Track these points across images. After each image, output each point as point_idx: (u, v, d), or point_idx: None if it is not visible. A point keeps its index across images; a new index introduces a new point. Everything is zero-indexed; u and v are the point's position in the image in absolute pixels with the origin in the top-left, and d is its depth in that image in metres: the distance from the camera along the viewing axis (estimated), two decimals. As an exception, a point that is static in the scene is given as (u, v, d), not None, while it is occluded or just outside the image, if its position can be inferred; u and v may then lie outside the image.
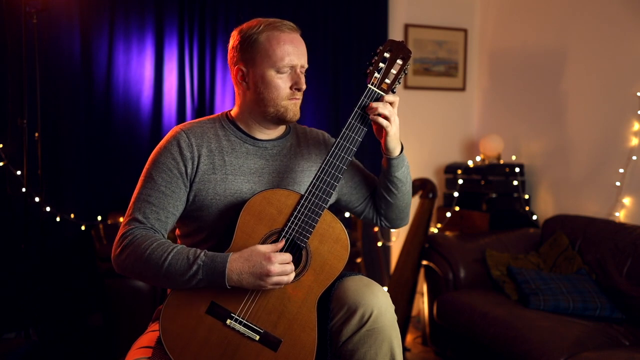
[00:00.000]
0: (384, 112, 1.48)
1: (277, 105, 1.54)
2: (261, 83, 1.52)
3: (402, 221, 1.74)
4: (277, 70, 1.51)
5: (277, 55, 1.50)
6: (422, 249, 3.24)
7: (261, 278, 1.37)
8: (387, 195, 1.66)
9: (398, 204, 1.68)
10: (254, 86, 1.53)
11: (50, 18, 2.96)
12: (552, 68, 3.55)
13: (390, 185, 1.63)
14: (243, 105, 1.59)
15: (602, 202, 3.24)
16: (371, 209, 1.74)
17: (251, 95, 1.55)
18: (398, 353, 1.48)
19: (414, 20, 3.90)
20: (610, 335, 2.46)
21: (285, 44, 1.51)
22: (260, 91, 1.53)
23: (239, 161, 1.57)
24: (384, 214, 1.72)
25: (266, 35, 1.51)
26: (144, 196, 1.51)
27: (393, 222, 1.74)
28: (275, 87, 1.52)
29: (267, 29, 1.51)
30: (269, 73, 1.51)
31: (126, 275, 1.50)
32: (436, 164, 4.04)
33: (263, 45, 1.51)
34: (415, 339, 3.46)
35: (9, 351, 2.17)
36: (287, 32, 1.52)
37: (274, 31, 1.51)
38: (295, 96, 1.55)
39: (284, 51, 1.50)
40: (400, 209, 1.70)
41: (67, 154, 3.09)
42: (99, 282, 2.94)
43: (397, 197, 1.66)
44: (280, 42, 1.50)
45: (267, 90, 1.52)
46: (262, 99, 1.53)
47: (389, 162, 1.59)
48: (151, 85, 3.24)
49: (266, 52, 1.50)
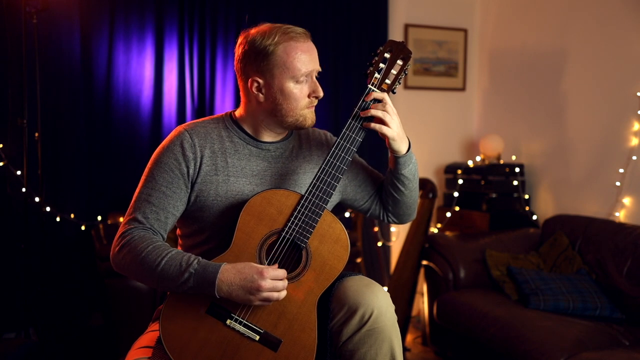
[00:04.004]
0: (377, 114, 1.49)
1: (296, 114, 1.54)
2: (280, 94, 1.51)
3: (410, 216, 1.76)
4: (295, 80, 1.51)
5: (295, 67, 1.50)
6: (422, 249, 3.24)
7: (251, 292, 1.37)
8: (394, 192, 1.66)
9: (406, 201, 1.69)
10: (272, 97, 1.52)
11: (50, 18, 2.96)
12: (552, 68, 3.55)
13: (397, 183, 1.64)
14: (254, 112, 1.58)
15: (602, 202, 3.25)
16: (377, 205, 1.74)
17: (268, 106, 1.54)
18: (398, 353, 1.48)
19: (414, 20, 3.90)
20: (610, 335, 2.46)
21: (303, 54, 1.51)
22: (279, 102, 1.52)
23: (241, 163, 1.57)
24: (392, 210, 1.72)
25: (283, 47, 1.49)
26: (144, 196, 1.51)
27: (400, 218, 1.75)
28: (295, 98, 1.52)
29: (282, 40, 1.49)
30: (288, 85, 1.51)
31: (123, 274, 1.51)
32: (436, 164, 4.04)
33: (280, 58, 1.49)
34: (415, 339, 3.46)
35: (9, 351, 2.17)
36: (302, 42, 1.52)
37: (290, 42, 1.50)
38: (313, 104, 1.56)
39: (301, 62, 1.50)
40: (408, 205, 1.70)
41: (67, 154, 3.09)
42: (99, 282, 2.95)
43: (404, 194, 1.66)
44: (297, 52, 1.50)
45: (287, 101, 1.52)
46: (280, 110, 1.53)
47: (396, 160, 1.59)
48: (151, 85, 3.24)
49: (284, 65, 1.49)
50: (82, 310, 3.13)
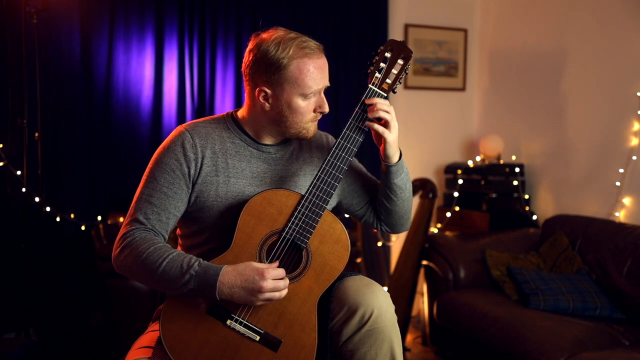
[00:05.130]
0: (384, 108, 1.49)
1: (299, 127, 1.54)
2: (287, 108, 1.51)
3: (403, 227, 1.74)
4: (304, 97, 1.50)
5: (306, 85, 1.48)
6: (422, 249, 3.23)
7: (253, 294, 1.37)
8: (386, 202, 1.65)
9: (397, 211, 1.67)
10: (278, 109, 1.52)
11: (50, 18, 2.96)
12: (552, 68, 3.55)
13: (389, 192, 1.63)
14: (257, 117, 1.57)
15: (602, 202, 3.25)
16: (371, 213, 1.73)
17: (273, 115, 1.53)
18: (398, 353, 1.48)
19: (414, 20, 3.90)
20: (610, 335, 2.46)
21: (315, 71, 1.49)
22: (285, 115, 1.52)
23: (241, 164, 1.56)
24: (385, 220, 1.71)
25: (296, 63, 1.47)
26: (145, 196, 1.51)
27: (393, 228, 1.73)
28: (301, 113, 1.52)
29: (297, 55, 1.47)
30: (296, 100, 1.50)
31: (125, 276, 1.51)
32: (436, 164, 4.04)
33: (293, 74, 1.47)
34: (415, 339, 3.46)
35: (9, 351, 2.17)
36: (315, 58, 1.49)
37: (304, 58, 1.48)
38: (317, 118, 1.56)
39: (313, 79, 1.49)
40: (400, 215, 1.69)
41: (67, 154, 3.09)
42: (99, 282, 2.94)
43: (396, 204, 1.65)
44: (310, 69, 1.48)
45: (292, 115, 1.52)
46: (284, 121, 1.53)
47: (387, 169, 1.59)
48: (151, 85, 3.24)
49: (295, 81, 1.48)
50: (82, 310, 3.13)
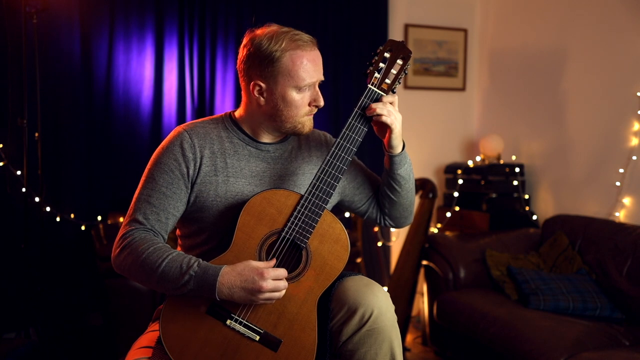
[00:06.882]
0: (383, 112, 1.49)
1: (294, 121, 1.54)
2: (281, 101, 1.51)
3: (406, 220, 1.75)
4: (298, 89, 1.50)
5: (300, 77, 1.49)
6: (422, 249, 3.24)
7: (253, 294, 1.37)
8: (390, 193, 1.66)
9: (402, 202, 1.69)
10: (272, 103, 1.52)
11: (50, 18, 2.96)
12: (552, 68, 3.55)
13: (393, 183, 1.64)
14: (253, 113, 1.58)
15: (602, 202, 3.25)
16: (375, 208, 1.74)
17: (268, 110, 1.54)
18: (398, 353, 1.48)
19: (414, 20, 3.90)
20: (610, 335, 2.46)
21: (309, 63, 1.50)
22: (280, 108, 1.52)
23: (240, 164, 1.56)
24: (388, 212, 1.72)
25: (289, 55, 1.48)
26: (144, 197, 1.51)
27: (397, 221, 1.74)
28: (296, 106, 1.52)
29: (289, 48, 1.48)
30: (290, 92, 1.50)
31: (124, 276, 1.51)
32: (436, 164, 4.04)
33: (286, 66, 1.48)
34: (415, 339, 3.46)
35: (9, 351, 2.17)
36: (308, 50, 1.50)
37: (297, 50, 1.49)
38: (312, 112, 1.56)
39: (306, 71, 1.49)
40: (404, 207, 1.70)
41: (67, 154, 3.09)
42: (99, 282, 2.94)
43: (400, 195, 1.66)
44: (303, 61, 1.49)
45: (287, 108, 1.52)
46: (279, 115, 1.53)
47: (391, 160, 1.60)
48: (151, 85, 3.23)
49: (289, 73, 1.48)
50: (82, 310, 3.13)
